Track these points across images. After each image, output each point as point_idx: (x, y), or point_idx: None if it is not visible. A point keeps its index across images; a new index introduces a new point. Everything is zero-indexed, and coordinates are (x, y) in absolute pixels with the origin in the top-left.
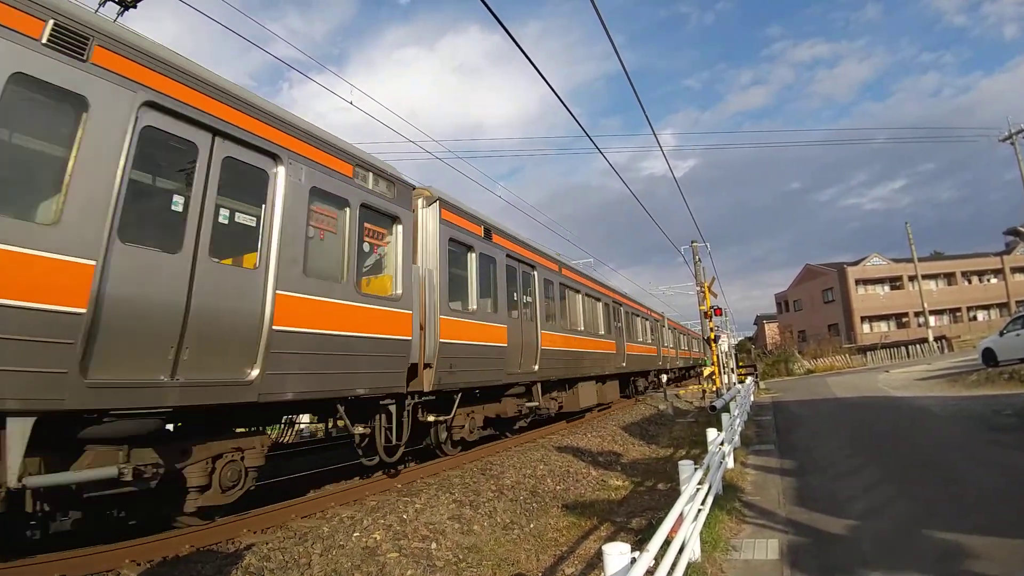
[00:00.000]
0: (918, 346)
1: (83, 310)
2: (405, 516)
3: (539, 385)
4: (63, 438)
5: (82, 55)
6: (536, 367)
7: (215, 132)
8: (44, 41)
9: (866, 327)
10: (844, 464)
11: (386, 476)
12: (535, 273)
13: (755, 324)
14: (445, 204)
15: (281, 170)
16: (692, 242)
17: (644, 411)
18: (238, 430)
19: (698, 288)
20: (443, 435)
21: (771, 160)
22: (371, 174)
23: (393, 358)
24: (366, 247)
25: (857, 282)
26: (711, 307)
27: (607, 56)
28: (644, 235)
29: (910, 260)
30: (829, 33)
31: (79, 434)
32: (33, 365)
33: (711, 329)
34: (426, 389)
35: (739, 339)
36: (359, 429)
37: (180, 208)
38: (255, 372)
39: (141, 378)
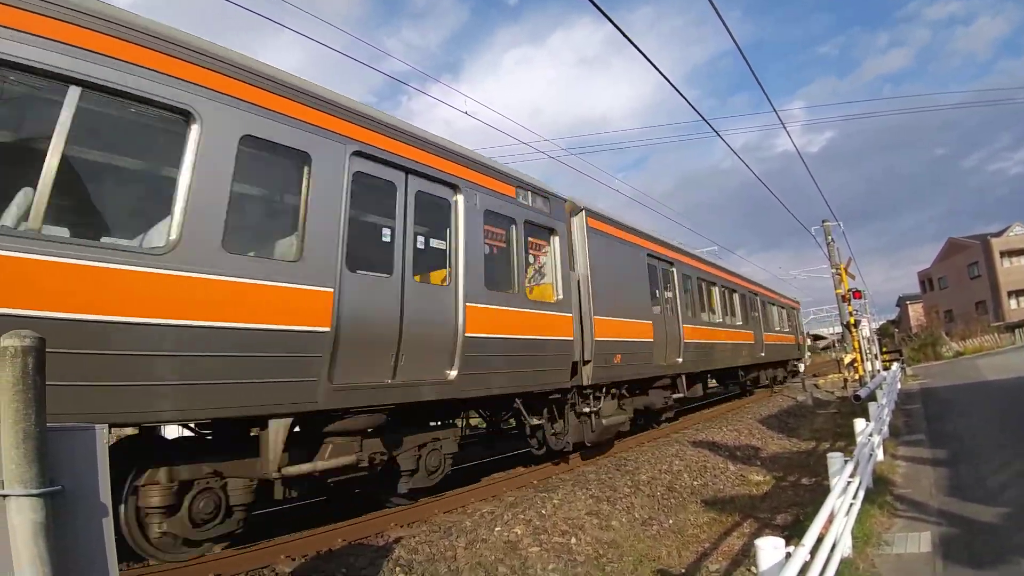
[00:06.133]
0: None
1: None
2: (543, 511)
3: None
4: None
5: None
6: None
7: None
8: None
9: (1013, 303)
10: (998, 451)
11: (552, 464)
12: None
13: (897, 306)
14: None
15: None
16: (823, 222)
17: (781, 402)
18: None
19: (833, 270)
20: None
21: (914, 126)
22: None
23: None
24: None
25: (1002, 254)
26: (849, 290)
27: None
28: (778, 217)
29: None
30: None
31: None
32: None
33: (850, 313)
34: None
35: (881, 323)
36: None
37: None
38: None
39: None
